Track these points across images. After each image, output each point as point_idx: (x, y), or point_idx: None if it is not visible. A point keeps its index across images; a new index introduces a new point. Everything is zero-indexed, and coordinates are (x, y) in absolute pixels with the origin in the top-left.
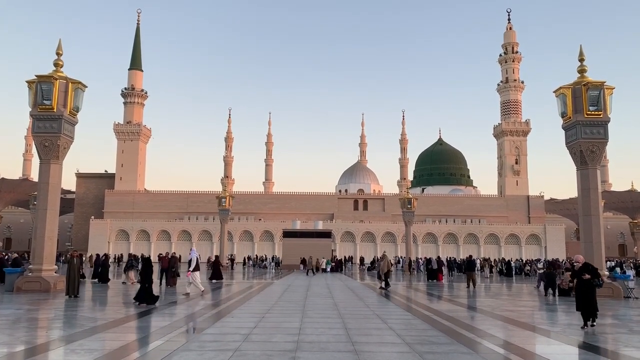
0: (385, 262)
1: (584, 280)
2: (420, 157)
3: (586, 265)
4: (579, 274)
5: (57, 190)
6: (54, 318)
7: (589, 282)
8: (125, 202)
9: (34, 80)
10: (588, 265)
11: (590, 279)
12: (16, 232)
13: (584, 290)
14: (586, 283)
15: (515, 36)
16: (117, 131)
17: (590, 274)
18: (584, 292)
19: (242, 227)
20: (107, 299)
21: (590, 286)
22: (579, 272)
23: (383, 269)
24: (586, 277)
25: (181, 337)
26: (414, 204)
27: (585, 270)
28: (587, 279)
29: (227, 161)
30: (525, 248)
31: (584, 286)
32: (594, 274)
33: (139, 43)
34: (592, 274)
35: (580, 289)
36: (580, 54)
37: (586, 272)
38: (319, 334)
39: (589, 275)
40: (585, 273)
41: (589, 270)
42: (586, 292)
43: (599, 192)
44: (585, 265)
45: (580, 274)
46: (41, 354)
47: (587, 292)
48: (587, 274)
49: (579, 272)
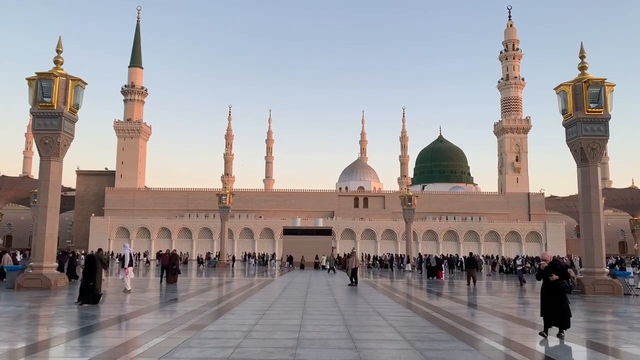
0: (353, 259)
1: (550, 281)
2: (421, 154)
3: (554, 263)
4: (544, 274)
5: (57, 187)
6: (54, 315)
7: (557, 284)
8: (126, 199)
9: (34, 77)
10: (556, 263)
11: (558, 280)
12: (17, 230)
13: (551, 293)
14: (553, 285)
15: (516, 33)
16: (117, 129)
17: (559, 274)
18: (549, 295)
19: (243, 225)
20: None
21: (557, 289)
22: (545, 271)
23: (351, 265)
24: (553, 278)
25: (182, 334)
26: (414, 202)
27: (552, 269)
28: (555, 280)
29: (228, 159)
30: (525, 245)
31: (551, 288)
32: (563, 274)
33: (139, 40)
34: (560, 274)
35: (546, 292)
36: (581, 51)
37: (553, 271)
38: (320, 331)
39: (556, 275)
40: (552, 273)
41: (556, 270)
42: (553, 295)
43: (600, 190)
44: (552, 264)
45: (546, 274)
46: (42, 350)
47: (555, 295)
48: (554, 275)
49: (545, 272)
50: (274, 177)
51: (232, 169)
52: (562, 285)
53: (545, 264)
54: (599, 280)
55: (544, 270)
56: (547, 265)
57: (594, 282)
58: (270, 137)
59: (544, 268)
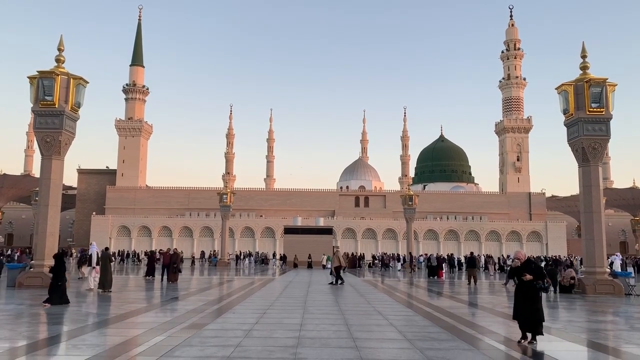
0: (336, 257)
1: (524, 282)
2: (422, 153)
3: (528, 263)
4: (518, 274)
5: (58, 186)
6: (55, 313)
7: (531, 284)
8: (127, 198)
9: (35, 76)
10: (530, 263)
11: (532, 281)
12: (18, 228)
13: (524, 294)
14: (527, 286)
15: (518, 33)
16: (118, 127)
17: (533, 274)
18: (523, 297)
19: (244, 224)
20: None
21: (532, 290)
22: (518, 271)
23: (334, 263)
24: (527, 278)
25: (182, 333)
26: (415, 201)
27: (526, 269)
28: (529, 280)
29: (229, 157)
30: (526, 245)
31: (525, 290)
32: (538, 274)
33: (140, 39)
34: (535, 274)
35: (519, 293)
36: (583, 51)
37: (527, 271)
38: (320, 330)
39: (530, 275)
40: (525, 273)
41: (530, 270)
42: (527, 297)
43: (601, 189)
44: (526, 263)
45: (519, 274)
46: (42, 349)
47: (529, 297)
48: (528, 274)
49: (518, 272)
50: (275, 176)
51: (233, 168)
52: (537, 286)
53: (519, 263)
54: (599, 280)
55: (516, 269)
56: (520, 264)
57: (594, 282)
58: (271, 136)
59: (517, 267)
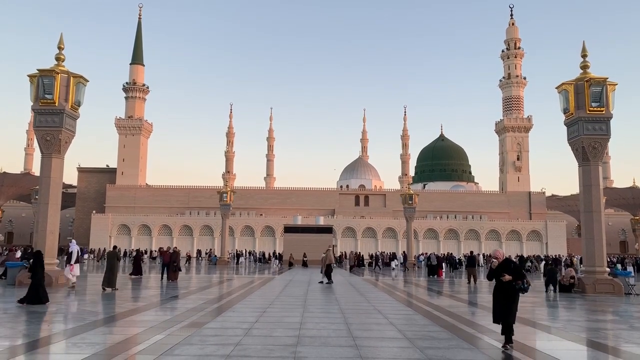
0: (327, 256)
1: (503, 283)
2: (422, 153)
3: (507, 262)
4: (496, 274)
5: (58, 184)
6: (55, 312)
7: (510, 285)
8: (127, 196)
9: (35, 74)
10: (509, 262)
11: (511, 282)
12: (18, 226)
13: (503, 296)
14: (506, 287)
15: (518, 32)
16: (118, 126)
17: (513, 274)
18: (503, 299)
19: (244, 223)
20: (113, 292)
21: (511, 291)
22: (497, 271)
23: (325, 262)
24: (506, 279)
25: (182, 332)
26: (415, 200)
27: (504, 268)
28: (508, 281)
29: (229, 156)
30: (526, 244)
31: (503, 290)
32: (517, 274)
33: (141, 37)
34: (514, 274)
35: (499, 295)
36: (583, 50)
37: (506, 271)
38: (320, 329)
39: (509, 276)
40: (504, 273)
41: (509, 270)
42: (505, 298)
43: (601, 189)
44: (505, 262)
45: (498, 274)
46: (43, 347)
47: (507, 298)
48: (506, 275)
49: (496, 272)
50: (275, 175)
51: (233, 167)
52: (516, 287)
53: (497, 262)
54: (599, 279)
55: (495, 269)
56: (498, 263)
57: (594, 281)
58: (271, 135)
59: (496, 267)
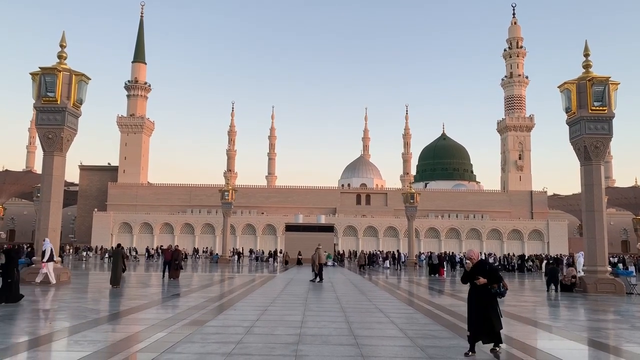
0: (317, 255)
1: (477, 286)
2: (424, 152)
3: (481, 264)
4: (470, 277)
5: (60, 182)
6: (57, 309)
7: (486, 289)
8: (129, 194)
9: (37, 72)
10: (484, 264)
11: (486, 285)
12: (20, 224)
13: (478, 299)
14: (482, 290)
15: (520, 31)
16: (120, 124)
17: (488, 277)
18: (476, 303)
19: (245, 221)
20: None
21: (487, 295)
22: (471, 273)
23: (316, 261)
24: (481, 282)
25: (184, 329)
26: (416, 199)
27: (478, 270)
28: (483, 284)
29: (230, 155)
30: (527, 244)
31: (479, 294)
32: (493, 277)
33: (143, 36)
34: (490, 277)
35: (473, 299)
36: (586, 49)
37: (481, 274)
38: (321, 327)
39: (484, 279)
40: (479, 275)
41: (484, 272)
42: (481, 302)
43: (603, 188)
44: (479, 264)
45: (472, 277)
46: (44, 344)
47: (483, 302)
48: (481, 278)
49: (470, 274)
50: (276, 174)
51: (234, 165)
52: (492, 290)
53: (471, 263)
54: (601, 279)
55: (469, 271)
56: (472, 265)
57: (596, 280)
58: (273, 134)
59: (470, 269)
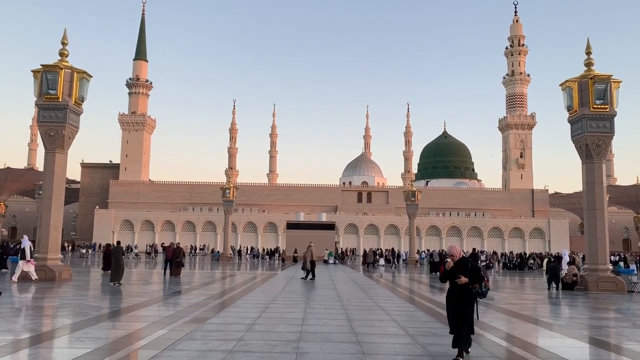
0: (309, 252)
1: (458, 285)
2: (425, 150)
3: (463, 262)
4: (451, 275)
5: (62, 179)
6: (58, 306)
7: (466, 289)
8: (130, 192)
9: (39, 69)
10: (466, 262)
11: (467, 284)
12: (21, 221)
13: (457, 300)
14: (462, 290)
15: (522, 29)
16: (121, 122)
17: (470, 276)
18: (456, 304)
19: (246, 219)
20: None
21: (466, 296)
22: (452, 272)
23: (308, 259)
24: (462, 281)
25: (185, 327)
26: (417, 197)
27: (460, 269)
28: (464, 283)
29: (231, 152)
30: (529, 242)
31: (458, 294)
32: (474, 276)
33: (144, 33)
34: (471, 276)
35: (451, 299)
36: (588, 47)
37: (462, 272)
38: (322, 325)
39: (466, 278)
40: (459, 274)
41: (465, 271)
42: (459, 303)
43: (604, 187)
44: (460, 262)
45: (452, 276)
46: (46, 341)
47: (461, 303)
48: (462, 277)
49: (451, 273)
50: (277, 172)
51: (235, 163)
52: (472, 290)
53: (452, 263)
54: (602, 277)
55: (450, 270)
56: (453, 263)
57: (597, 279)
58: (274, 131)
59: (450, 268)
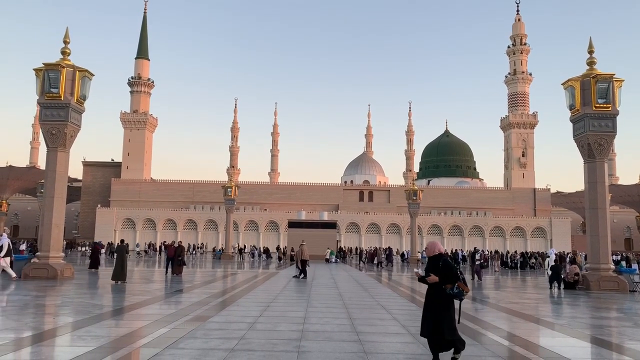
0: (301, 251)
1: (433, 286)
2: (427, 148)
3: (435, 259)
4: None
5: (64, 178)
6: (60, 305)
7: (440, 289)
8: (132, 190)
9: (41, 68)
10: (438, 259)
11: (440, 284)
12: (23, 220)
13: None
14: (436, 290)
15: (524, 28)
16: (123, 120)
17: (442, 275)
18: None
19: (248, 217)
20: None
21: (441, 296)
22: (425, 270)
23: (299, 257)
24: (432, 280)
25: (187, 325)
26: (419, 196)
27: (431, 267)
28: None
29: (233, 151)
30: (530, 241)
31: (434, 295)
32: (448, 276)
33: (146, 32)
34: (444, 275)
35: (426, 300)
36: (590, 46)
37: (433, 271)
38: (324, 324)
39: (435, 277)
40: (431, 272)
41: (438, 269)
42: (434, 305)
43: (606, 186)
44: (433, 259)
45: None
46: (48, 339)
47: (437, 305)
48: (432, 275)
49: (425, 271)
50: (279, 170)
51: (237, 162)
52: (445, 291)
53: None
54: (604, 276)
55: (425, 269)
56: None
57: (599, 278)
58: (276, 130)
59: (427, 266)
